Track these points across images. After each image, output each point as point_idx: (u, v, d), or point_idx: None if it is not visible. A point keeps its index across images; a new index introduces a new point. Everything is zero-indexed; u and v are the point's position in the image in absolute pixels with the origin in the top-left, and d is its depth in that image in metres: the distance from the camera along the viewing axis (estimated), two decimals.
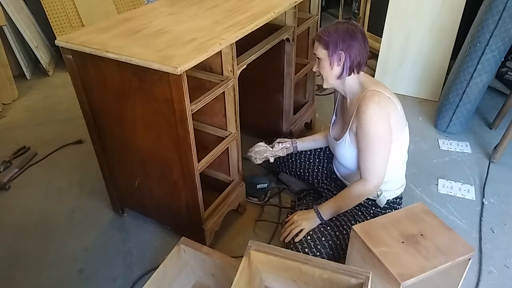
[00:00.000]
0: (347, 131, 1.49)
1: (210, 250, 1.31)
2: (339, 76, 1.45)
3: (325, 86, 1.54)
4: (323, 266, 1.09)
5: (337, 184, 1.68)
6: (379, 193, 1.52)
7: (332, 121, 1.67)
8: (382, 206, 1.54)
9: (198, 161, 1.41)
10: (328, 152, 1.81)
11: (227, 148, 1.60)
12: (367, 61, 1.46)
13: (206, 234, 1.57)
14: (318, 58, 1.46)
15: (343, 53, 1.39)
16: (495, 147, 2.12)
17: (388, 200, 1.54)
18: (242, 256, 1.14)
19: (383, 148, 1.40)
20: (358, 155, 1.45)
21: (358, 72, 1.45)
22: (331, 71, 1.45)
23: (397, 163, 1.52)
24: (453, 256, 1.18)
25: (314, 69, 1.52)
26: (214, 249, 1.32)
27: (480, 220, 1.78)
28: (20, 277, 1.60)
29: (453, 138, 2.32)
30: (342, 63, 1.41)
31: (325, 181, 1.75)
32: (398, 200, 1.58)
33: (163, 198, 1.60)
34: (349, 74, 1.44)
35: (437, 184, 1.99)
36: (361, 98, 1.41)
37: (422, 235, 1.25)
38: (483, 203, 1.87)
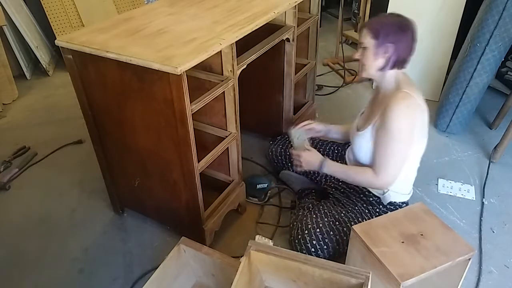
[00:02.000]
0: (371, 125, 1.46)
1: (210, 250, 1.31)
2: (382, 69, 1.41)
3: (363, 76, 1.49)
4: (323, 266, 1.09)
5: (345, 182, 1.66)
6: (385, 190, 1.52)
7: (362, 110, 1.64)
8: (387, 206, 1.54)
9: (198, 161, 1.41)
10: (336, 151, 1.81)
11: (227, 148, 1.60)
12: (409, 60, 1.42)
13: (206, 234, 1.57)
14: (364, 47, 1.41)
15: (392, 46, 1.36)
16: (495, 147, 2.12)
17: (394, 203, 1.54)
18: (242, 256, 1.14)
19: (402, 150, 1.39)
20: (375, 151, 1.44)
21: (400, 68, 1.42)
22: (374, 62, 1.40)
23: (411, 169, 1.53)
24: (453, 256, 1.18)
25: (356, 56, 1.47)
26: (214, 249, 1.32)
27: (480, 220, 1.78)
28: (20, 277, 1.60)
29: (453, 138, 2.32)
30: (389, 55, 1.38)
31: (333, 180, 1.73)
32: (404, 205, 1.58)
33: (163, 198, 1.60)
34: (391, 68, 1.41)
35: (437, 184, 1.99)
36: (392, 96, 1.38)
37: (422, 235, 1.25)
38: (483, 203, 1.87)
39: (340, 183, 1.68)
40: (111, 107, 1.45)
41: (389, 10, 2.63)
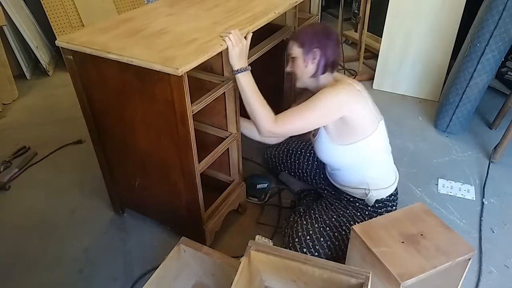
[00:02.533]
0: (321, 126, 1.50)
1: (210, 250, 1.31)
2: (313, 75, 1.46)
3: (298, 86, 1.55)
4: (323, 266, 1.09)
5: (335, 186, 1.67)
6: (367, 192, 1.52)
7: None
8: (371, 205, 1.55)
9: (199, 162, 1.41)
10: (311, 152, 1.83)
11: (228, 148, 1.60)
12: (338, 63, 1.50)
13: (207, 235, 1.57)
14: (292, 58, 1.48)
15: (318, 50, 1.41)
16: (495, 147, 2.12)
17: (382, 199, 1.54)
18: (242, 256, 1.14)
19: (312, 118, 1.39)
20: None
21: (332, 72, 1.48)
22: (305, 69, 1.46)
23: (378, 159, 1.53)
24: (453, 256, 1.18)
25: (287, 69, 1.53)
26: (214, 249, 1.33)
27: (480, 220, 1.78)
28: (20, 277, 1.60)
29: (453, 138, 2.32)
30: (317, 61, 1.43)
31: (323, 182, 1.76)
32: (392, 197, 1.58)
33: (164, 199, 1.60)
34: (323, 72, 1.46)
35: (437, 184, 1.99)
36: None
37: (422, 235, 1.25)
38: (483, 203, 1.87)
39: (331, 186, 1.68)
40: (112, 108, 1.45)
41: (389, 10, 2.63)
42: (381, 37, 2.75)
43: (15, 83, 2.93)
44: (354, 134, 1.44)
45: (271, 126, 1.40)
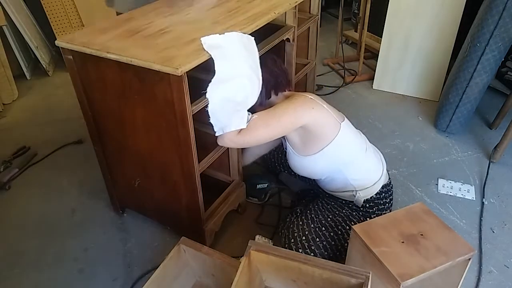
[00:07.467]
0: (285, 141, 1.56)
1: (210, 250, 1.31)
2: (260, 103, 1.49)
3: None
4: (323, 266, 1.09)
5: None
6: (354, 193, 1.53)
7: None
8: (367, 205, 1.55)
9: (199, 162, 1.41)
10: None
11: (228, 148, 1.60)
12: (288, 82, 1.58)
13: (207, 235, 1.57)
14: None
15: None
16: (495, 147, 2.12)
17: (372, 198, 1.55)
18: (242, 256, 1.14)
19: (273, 128, 1.42)
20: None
21: (277, 94, 1.54)
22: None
23: (353, 159, 1.52)
24: (453, 256, 1.18)
25: None
26: (214, 249, 1.33)
27: (480, 220, 1.78)
28: (20, 277, 1.60)
29: (453, 138, 2.33)
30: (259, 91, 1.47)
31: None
32: (384, 194, 1.57)
33: (163, 199, 1.60)
34: (269, 97, 1.53)
35: (437, 184, 1.99)
36: None
37: (422, 235, 1.25)
38: (483, 203, 1.87)
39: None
40: (112, 108, 1.45)
41: (389, 10, 2.63)
42: (381, 37, 2.75)
43: (15, 83, 2.93)
44: (317, 141, 1.46)
45: (235, 137, 1.40)
